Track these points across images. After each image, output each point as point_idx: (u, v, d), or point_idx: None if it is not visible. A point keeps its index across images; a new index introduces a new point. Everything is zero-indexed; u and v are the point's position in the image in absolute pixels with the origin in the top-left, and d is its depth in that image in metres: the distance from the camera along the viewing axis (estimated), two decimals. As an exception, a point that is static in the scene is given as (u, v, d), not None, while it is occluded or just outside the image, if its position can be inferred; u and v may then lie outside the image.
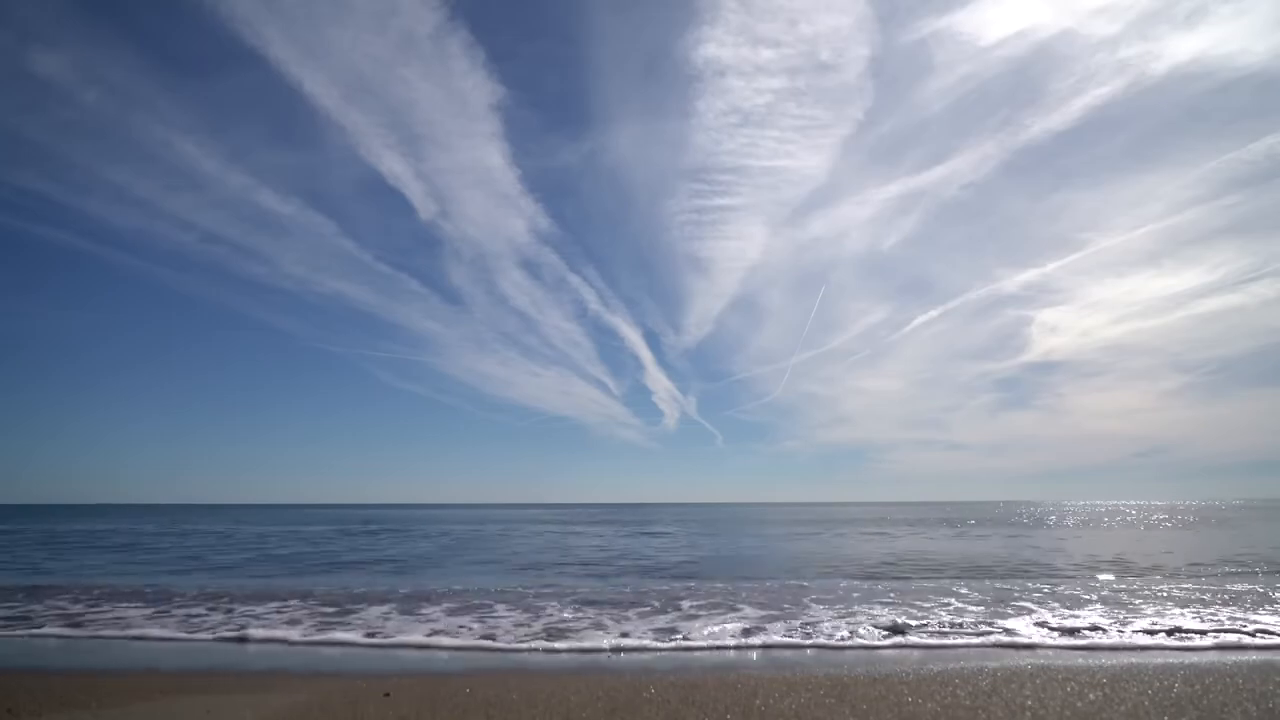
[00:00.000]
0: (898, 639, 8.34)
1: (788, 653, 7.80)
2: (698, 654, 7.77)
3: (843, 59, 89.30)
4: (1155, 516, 53.19)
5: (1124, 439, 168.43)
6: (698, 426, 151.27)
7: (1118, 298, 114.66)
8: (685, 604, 10.87)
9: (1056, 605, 10.74)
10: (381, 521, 51.44)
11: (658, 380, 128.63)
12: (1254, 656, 7.51)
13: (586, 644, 8.10)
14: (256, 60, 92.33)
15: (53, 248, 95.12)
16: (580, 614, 10.02)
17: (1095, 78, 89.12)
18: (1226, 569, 15.90)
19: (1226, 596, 11.61)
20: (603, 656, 7.71)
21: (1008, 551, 21.45)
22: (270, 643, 8.46)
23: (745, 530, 36.51)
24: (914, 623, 9.24)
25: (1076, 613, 9.98)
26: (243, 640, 8.64)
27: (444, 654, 7.97)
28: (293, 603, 11.11)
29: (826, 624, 9.16)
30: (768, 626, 9.00)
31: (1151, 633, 8.54)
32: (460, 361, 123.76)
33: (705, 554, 20.87)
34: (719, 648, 8.04)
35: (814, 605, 10.70)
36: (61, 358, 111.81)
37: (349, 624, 9.34)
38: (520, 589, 12.75)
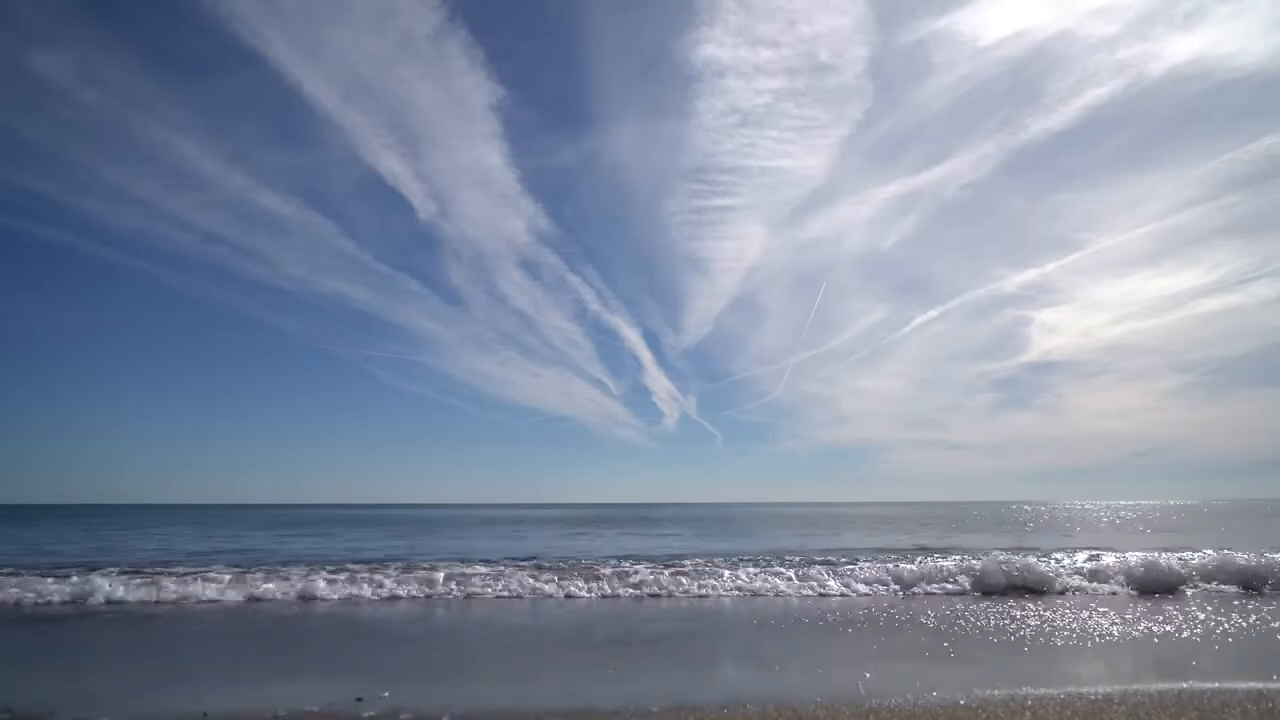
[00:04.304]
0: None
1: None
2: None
3: (841, 59, 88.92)
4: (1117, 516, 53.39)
5: (1124, 439, 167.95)
6: (698, 426, 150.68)
7: (1117, 298, 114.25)
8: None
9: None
10: (407, 521, 51.42)
11: (657, 380, 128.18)
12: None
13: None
14: (256, 60, 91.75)
15: (53, 248, 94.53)
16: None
17: (1094, 78, 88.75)
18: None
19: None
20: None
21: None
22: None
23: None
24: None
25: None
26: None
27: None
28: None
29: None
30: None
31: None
32: (460, 361, 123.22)
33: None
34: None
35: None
36: (61, 358, 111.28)
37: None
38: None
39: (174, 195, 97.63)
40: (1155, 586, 12.69)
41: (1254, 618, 9.78)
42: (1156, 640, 8.40)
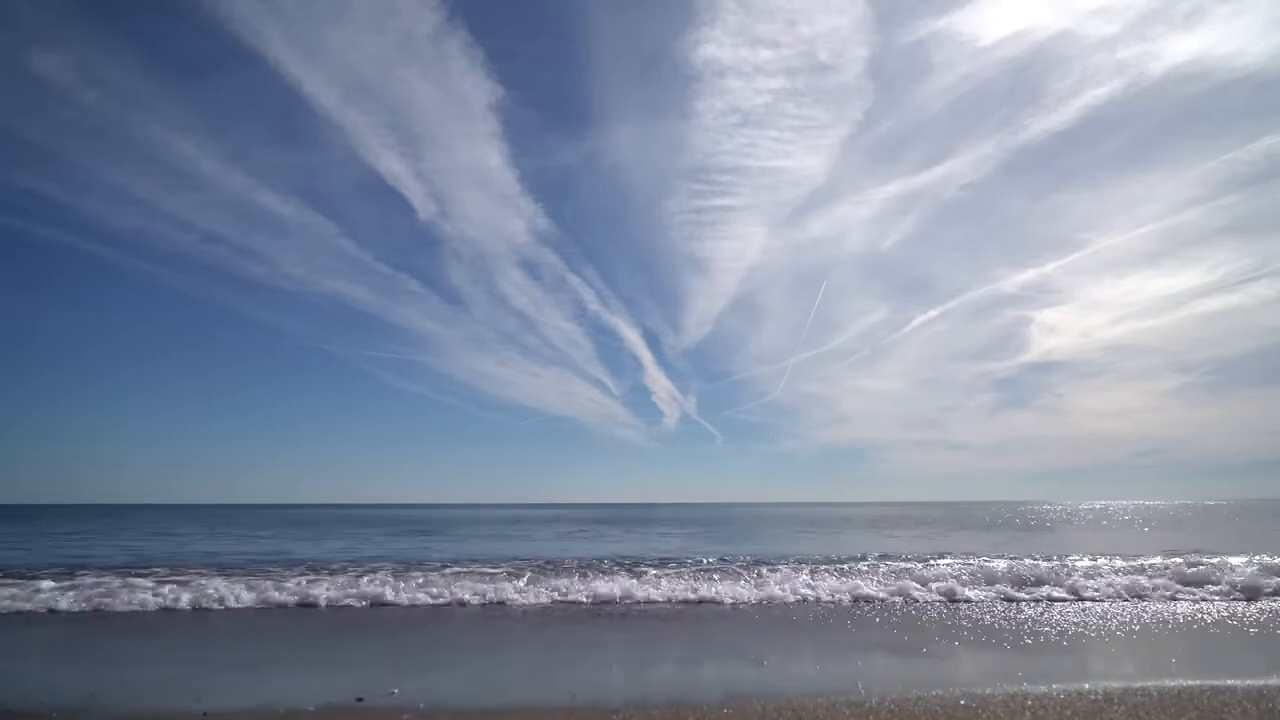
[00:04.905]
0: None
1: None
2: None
3: (841, 59, 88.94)
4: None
5: (1123, 439, 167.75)
6: (697, 426, 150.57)
7: (1117, 298, 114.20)
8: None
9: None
10: (407, 521, 51.45)
11: (657, 380, 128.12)
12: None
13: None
14: (256, 60, 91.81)
15: (53, 248, 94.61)
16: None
17: (1094, 78, 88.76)
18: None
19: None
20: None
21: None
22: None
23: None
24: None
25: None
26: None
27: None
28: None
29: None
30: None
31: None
32: (460, 361, 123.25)
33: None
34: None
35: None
36: (61, 358, 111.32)
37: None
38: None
39: (174, 195, 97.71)
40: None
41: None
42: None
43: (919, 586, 12.27)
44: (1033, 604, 11.25)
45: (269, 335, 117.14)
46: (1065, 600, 11.54)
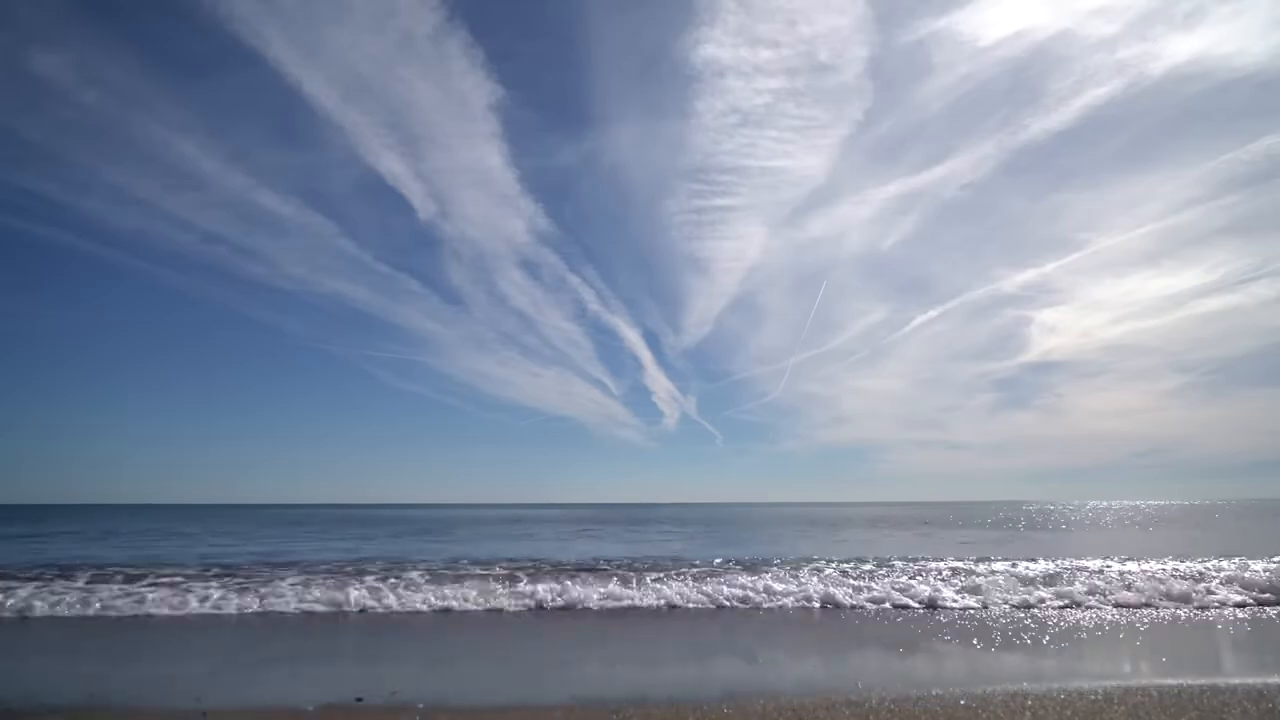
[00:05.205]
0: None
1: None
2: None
3: (841, 59, 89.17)
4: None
5: (1123, 439, 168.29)
6: (697, 426, 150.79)
7: (1117, 298, 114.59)
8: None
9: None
10: (407, 521, 51.43)
11: (657, 380, 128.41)
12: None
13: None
14: (256, 60, 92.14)
15: (53, 248, 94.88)
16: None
17: (1094, 78, 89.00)
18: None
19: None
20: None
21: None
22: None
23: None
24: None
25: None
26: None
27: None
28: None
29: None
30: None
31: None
32: (460, 361, 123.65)
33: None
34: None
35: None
36: (61, 358, 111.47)
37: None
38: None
39: (174, 195, 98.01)
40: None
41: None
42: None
43: (919, 587, 12.26)
44: (1034, 605, 11.24)
45: (269, 335, 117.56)
46: (1065, 601, 11.52)
